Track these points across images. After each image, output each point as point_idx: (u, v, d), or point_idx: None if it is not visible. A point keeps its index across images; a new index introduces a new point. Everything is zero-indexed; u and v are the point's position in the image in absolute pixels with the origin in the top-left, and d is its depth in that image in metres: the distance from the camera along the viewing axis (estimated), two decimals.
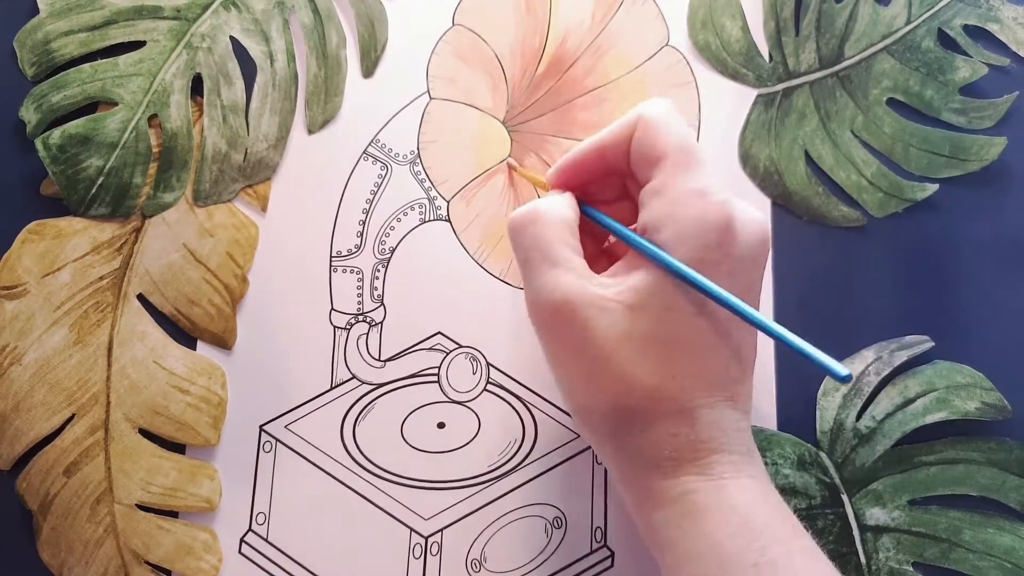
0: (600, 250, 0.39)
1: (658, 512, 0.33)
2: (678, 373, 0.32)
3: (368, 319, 0.42)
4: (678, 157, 0.34)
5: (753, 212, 0.34)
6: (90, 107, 0.43)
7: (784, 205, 0.44)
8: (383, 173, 0.44)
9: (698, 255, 0.32)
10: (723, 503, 0.32)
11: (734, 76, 0.46)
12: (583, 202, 0.37)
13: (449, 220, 0.44)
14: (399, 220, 0.43)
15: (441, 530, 0.40)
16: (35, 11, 0.44)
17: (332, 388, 0.42)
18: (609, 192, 0.38)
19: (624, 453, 0.34)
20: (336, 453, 0.41)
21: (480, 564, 0.40)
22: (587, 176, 0.37)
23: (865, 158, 0.45)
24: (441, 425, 0.42)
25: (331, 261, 0.43)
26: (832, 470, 0.41)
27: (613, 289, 0.33)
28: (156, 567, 0.40)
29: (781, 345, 0.32)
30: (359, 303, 0.43)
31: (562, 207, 0.36)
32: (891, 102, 0.45)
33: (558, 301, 0.33)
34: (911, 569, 0.40)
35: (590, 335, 0.33)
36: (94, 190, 0.42)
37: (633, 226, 0.35)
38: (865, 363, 0.42)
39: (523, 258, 0.35)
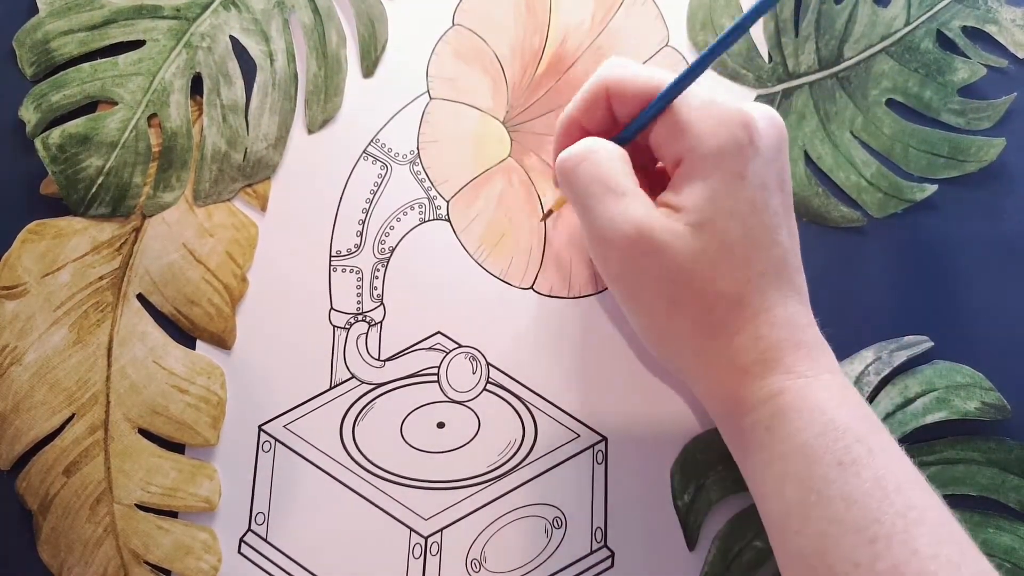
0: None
1: (748, 416, 0.34)
2: (752, 275, 0.33)
3: (367, 319, 0.42)
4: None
5: (760, 104, 0.36)
6: (90, 106, 0.43)
7: None
8: (383, 173, 0.44)
9: (734, 154, 0.33)
10: (809, 403, 0.32)
11: (734, 77, 0.46)
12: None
13: (449, 220, 0.44)
14: (399, 220, 0.43)
15: (441, 530, 0.40)
16: (34, 10, 0.44)
17: (331, 388, 0.42)
18: None
19: (712, 367, 0.34)
20: (335, 453, 0.41)
21: (480, 564, 0.40)
22: None
23: (865, 159, 0.45)
24: (441, 425, 0.42)
25: (331, 261, 0.43)
26: None
27: (675, 214, 0.34)
28: (155, 567, 0.40)
29: None
30: (358, 303, 0.43)
31: (609, 143, 0.36)
32: (890, 103, 0.45)
33: (632, 232, 0.34)
34: None
35: (669, 260, 0.33)
36: (94, 190, 0.42)
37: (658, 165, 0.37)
38: (865, 363, 0.42)
39: (584, 193, 0.35)
